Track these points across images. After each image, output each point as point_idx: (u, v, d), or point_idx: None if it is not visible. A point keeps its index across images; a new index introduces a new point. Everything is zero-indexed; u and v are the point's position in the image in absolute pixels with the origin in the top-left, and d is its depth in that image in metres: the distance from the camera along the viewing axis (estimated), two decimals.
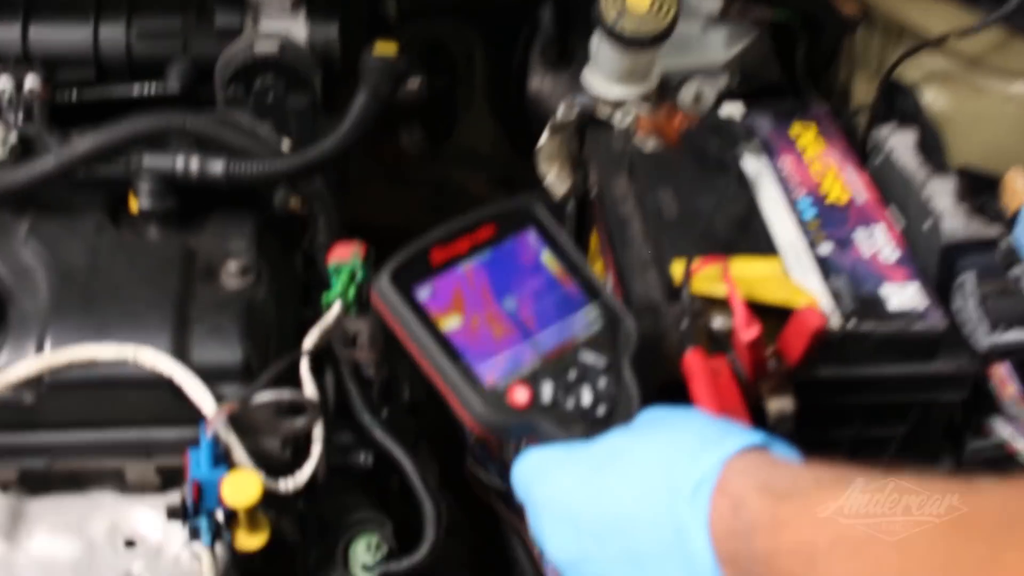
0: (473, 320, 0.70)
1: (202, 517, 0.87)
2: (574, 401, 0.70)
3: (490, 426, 0.68)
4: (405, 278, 0.70)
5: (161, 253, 0.95)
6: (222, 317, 0.91)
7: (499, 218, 0.74)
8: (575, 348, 0.72)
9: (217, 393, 0.89)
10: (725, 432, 0.65)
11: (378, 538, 0.94)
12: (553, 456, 0.69)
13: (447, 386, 0.69)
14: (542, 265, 0.74)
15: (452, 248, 0.72)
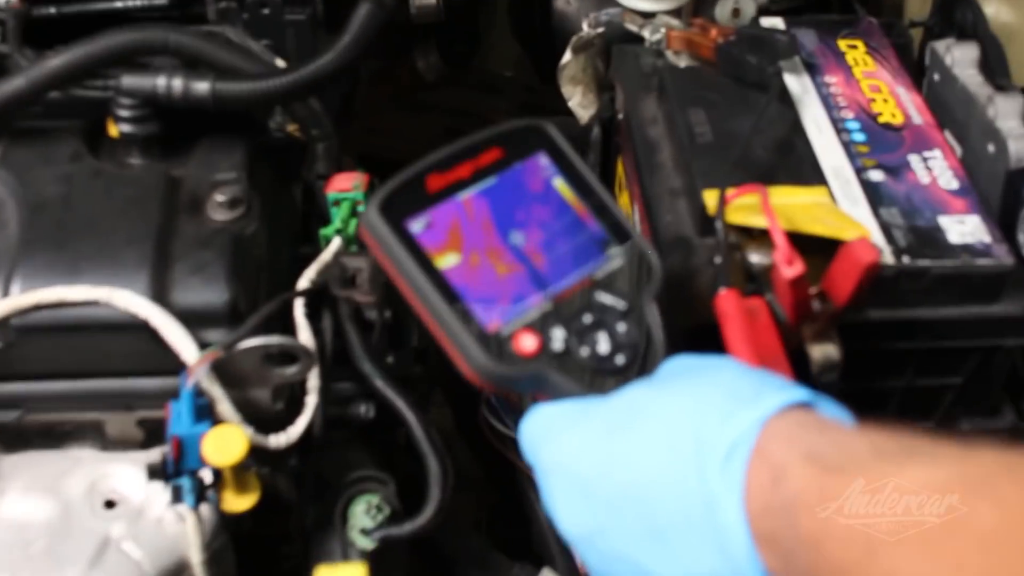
0: (473, 257, 0.61)
1: (184, 477, 0.79)
2: (589, 349, 0.61)
3: (492, 378, 0.60)
4: (397, 208, 0.61)
5: (142, 183, 0.87)
6: (207, 254, 0.83)
7: (506, 140, 0.65)
8: (591, 288, 0.63)
9: (200, 339, 0.81)
10: (763, 386, 0.56)
11: (379, 499, 0.86)
12: (564, 413, 0.60)
13: (443, 332, 0.60)
14: (554, 193, 0.65)
15: (451, 174, 0.63)
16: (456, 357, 0.60)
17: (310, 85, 0.88)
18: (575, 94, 1.13)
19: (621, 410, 0.58)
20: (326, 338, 0.88)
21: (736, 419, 0.53)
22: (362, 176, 0.92)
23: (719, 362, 0.61)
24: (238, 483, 0.81)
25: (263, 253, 0.87)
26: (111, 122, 0.90)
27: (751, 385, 0.56)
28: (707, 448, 0.53)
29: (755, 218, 0.77)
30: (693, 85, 0.95)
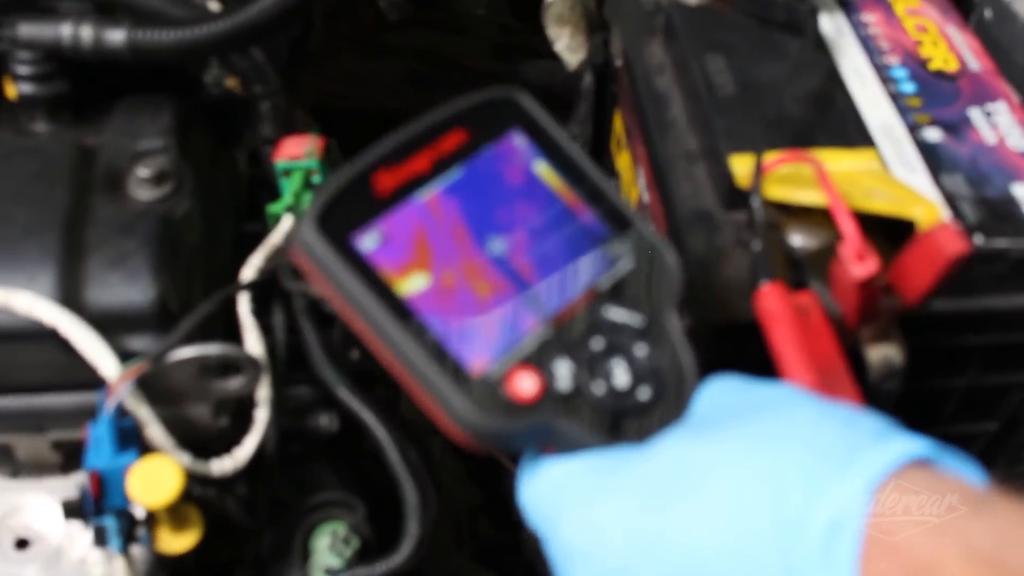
0: (445, 276, 0.46)
1: (108, 516, 0.65)
2: (605, 384, 0.47)
3: (485, 435, 0.45)
4: (340, 221, 0.46)
5: (46, 155, 0.71)
6: (129, 242, 0.68)
7: (469, 118, 0.50)
8: (596, 303, 0.49)
9: (123, 348, 0.67)
10: (857, 433, 0.42)
11: (346, 528, 0.72)
12: (585, 474, 0.46)
13: (415, 380, 0.45)
14: (536, 180, 0.50)
15: (405, 168, 0.47)
16: (435, 412, 0.45)
17: (250, 33, 0.72)
18: (562, 36, 0.98)
19: (664, 472, 0.44)
20: (278, 337, 0.74)
21: (832, 487, 0.40)
22: (316, 140, 0.77)
23: (781, 394, 0.47)
24: (175, 519, 0.67)
25: (198, 238, 0.72)
26: (8, 81, 0.74)
27: (839, 432, 0.42)
28: (792, 528, 0.39)
29: (801, 193, 0.63)
30: (707, 26, 0.80)
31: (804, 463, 0.41)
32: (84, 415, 0.67)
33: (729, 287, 0.67)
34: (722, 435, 0.44)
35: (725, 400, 0.48)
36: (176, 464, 0.63)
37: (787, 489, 0.40)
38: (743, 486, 0.41)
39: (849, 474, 0.40)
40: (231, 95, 0.81)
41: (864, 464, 0.40)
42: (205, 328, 0.70)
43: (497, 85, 0.51)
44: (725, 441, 0.44)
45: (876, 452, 0.41)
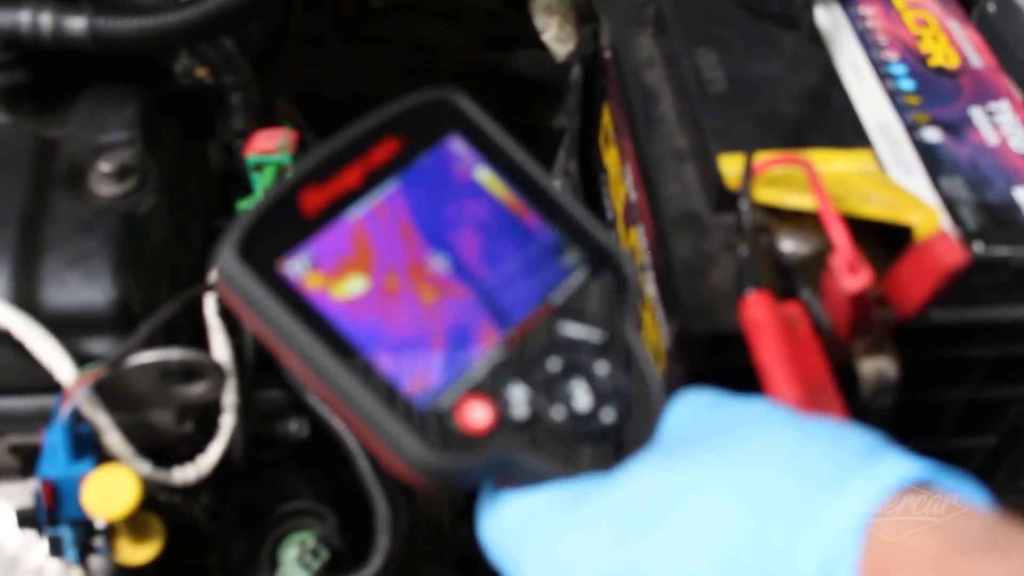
0: (383, 300, 0.43)
1: (63, 526, 0.62)
2: (564, 408, 0.44)
3: (438, 473, 0.41)
4: (264, 248, 0.42)
5: (5, 148, 0.68)
6: (89, 240, 0.65)
7: (402, 124, 0.46)
8: (551, 319, 0.45)
9: (81, 351, 0.64)
10: (844, 454, 0.39)
11: (315, 539, 0.69)
12: (549, 507, 0.42)
13: (357, 418, 0.42)
14: (479, 188, 0.47)
15: (335, 184, 0.44)
16: (380, 451, 0.42)
17: (218, 21, 0.69)
18: (550, 25, 0.95)
19: (635, 502, 0.41)
20: (246, 340, 0.70)
21: (821, 518, 0.36)
22: (289, 133, 0.74)
23: (758, 411, 0.44)
24: (135, 529, 0.65)
25: (164, 236, 0.69)
26: None
27: (825, 452, 0.39)
28: (779, 567, 0.36)
29: (792, 197, 0.60)
30: (699, 18, 0.77)
31: (788, 489, 0.38)
32: (42, 419, 0.64)
33: (716, 294, 0.64)
34: (696, 459, 0.41)
35: (697, 419, 0.44)
36: (133, 474, 0.60)
37: (771, 519, 0.37)
38: (722, 516, 0.38)
39: (839, 503, 0.37)
40: (202, 86, 0.78)
41: (855, 491, 0.37)
42: (170, 330, 0.67)
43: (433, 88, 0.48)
44: (699, 466, 0.41)
45: (867, 476, 0.37)
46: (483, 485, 0.43)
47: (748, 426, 0.42)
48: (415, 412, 0.41)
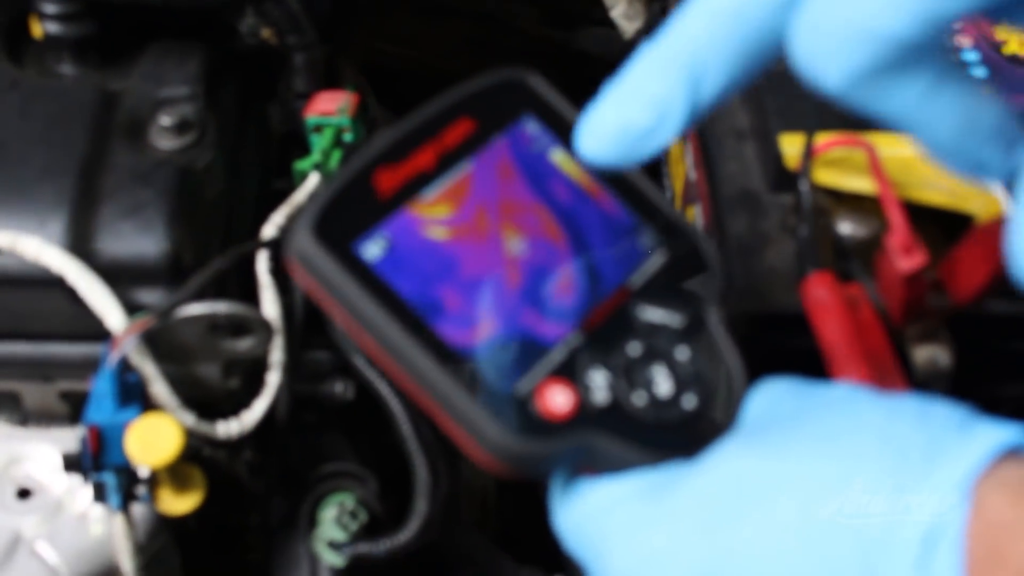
0: (461, 283, 0.42)
1: (107, 472, 0.63)
2: (645, 394, 0.42)
3: (518, 460, 0.40)
4: (340, 228, 0.41)
5: (69, 98, 0.69)
6: (145, 192, 0.65)
7: (475, 105, 0.45)
8: (629, 302, 0.44)
9: (132, 300, 0.64)
10: (933, 428, 0.37)
11: (355, 501, 0.69)
12: (631, 496, 0.41)
13: (436, 402, 0.41)
14: (555, 170, 0.46)
15: (408, 165, 0.43)
16: (458, 436, 0.41)
17: None
18: (619, 2, 0.94)
19: (722, 490, 0.39)
20: (296, 298, 0.71)
21: (919, 493, 0.35)
22: (350, 96, 0.74)
23: (841, 394, 0.42)
24: (177, 480, 0.65)
25: (219, 192, 0.69)
26: (34, 19, 0.72)
27: (916, 427, 0.37)
28: (878, 545, 0.35)
29: (852, 179, 0.59)
30: None
31: (881, 467, 0.36)
32: (92, 366, 0.65)
33: (771, 274, 0.63)
34: (782, 443, 0.39)
35: (780, 404, 0.43)
36: (177, 424, 0.60)
37: (865, 497, 0.36)
38: (814, 500, 0.37)
39: (936, 476, 0.35)
40: (266, 46, 0.78)
41: (951, 462, 0.35)
42: (221, 285, 0.67)
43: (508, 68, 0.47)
44: (787, 449, 0.39)
45: (963, 446, 0.36)
46: (559, 473, 0.43)
47: (833, 407, 0.41)
48: (495, 397, 0.40)
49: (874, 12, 0.34)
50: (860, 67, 0.35)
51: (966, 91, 0.37)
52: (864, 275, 0.58)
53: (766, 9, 0.36)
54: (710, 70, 0.37)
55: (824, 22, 0.35)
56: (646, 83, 0.38)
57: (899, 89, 0.36)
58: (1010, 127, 0.38)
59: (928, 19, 0.34)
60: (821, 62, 0.35)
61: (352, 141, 0.73)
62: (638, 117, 0.38)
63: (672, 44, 0.38)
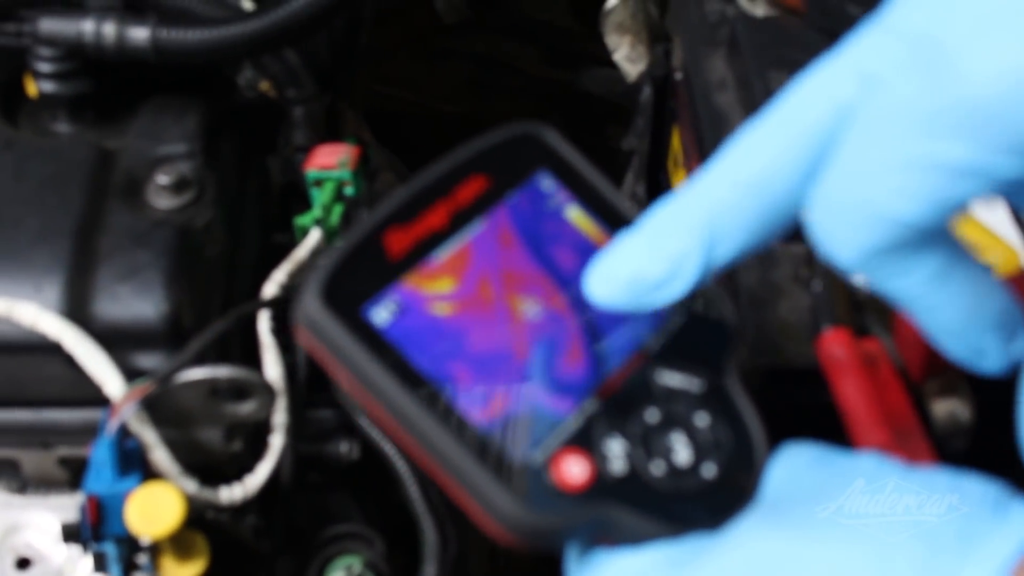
0: (473, 348, 0.40)
1: (108, 542, 0.61)
2: (663, 463, 0.41)
3: (532, 533, 0.39)
4: (348, 292, 0.40)
5: (64, 158, 0.68)
6: (143, 254, 0.64)
7: (489, 161, 0.44)
8: (647, 366, 0.43)
9: (131, 365, 0.63)
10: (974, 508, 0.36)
11: (362, 564, 0.67)
12: (650, 570, 0.39)
13: (448, 473, 0.39)
14: (570, 229, 0.44)
15: (419, 225, 0.42)
16: (471, 508, 0.39)
17: (282, 34, 0.68)
18: (622, 45, 0.93)
19: (745, 569, 0.38)
20: (299, 358, 0.69)
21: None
22: (351, 149, 0.73)
23: (868, 467, 0.40)
24: (179, 548, 0.64)
25: (219, 250, 0.68)
26: (29, 78, 0.71)
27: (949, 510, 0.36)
28: None
29: None
30: (773, 40, 0.75)
31: (911, 553, 0.35)
32: (91, 432, 0.63)
33: (785, 328, 0.61)
34: (808, 522, 0.38)
35: (803, 475, 0.41)
36: (178, 492, 0.59)
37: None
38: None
39: (971, 567, 0.34)
40: (265, 99, 0.77)
41: (986, 550, 0.34)
42: (222, 346, 0.66)
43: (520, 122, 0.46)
44: (811, 530, 0.37)
45: (998, 532, 0.34)
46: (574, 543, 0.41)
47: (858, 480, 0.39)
48: (508, 468, 0.39)
49: (886, 196, 0.35)
50: (870, 247, 0.36)
51: (973, 278, 0.38)
52: (881, 329, 0.57)
53: (788, 183, 0.37)
54: (728, 233, 0.38)
55: (838, 201, 0.36)
56: (663, 237, 0.39)
57: (908, 271, 0.37)
58: (1012, 317, 0.39)
59: (938, 204, 0.35)
60: (834, 238, 0.37)
61: (353, 195, 0.72)
62: (651, 269, 0.39)
63: (692, 204, 0.38)
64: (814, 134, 0.37)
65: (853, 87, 0.37)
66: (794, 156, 0.37)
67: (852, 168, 0.36)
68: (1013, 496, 0.36)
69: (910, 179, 0.35)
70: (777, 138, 0.37)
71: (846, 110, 0.36)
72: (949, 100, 0.34)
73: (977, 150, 0.34)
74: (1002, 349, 0.39)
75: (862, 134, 0.36)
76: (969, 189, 0.35)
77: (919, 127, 0.34)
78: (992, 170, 0.34)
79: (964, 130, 0.34)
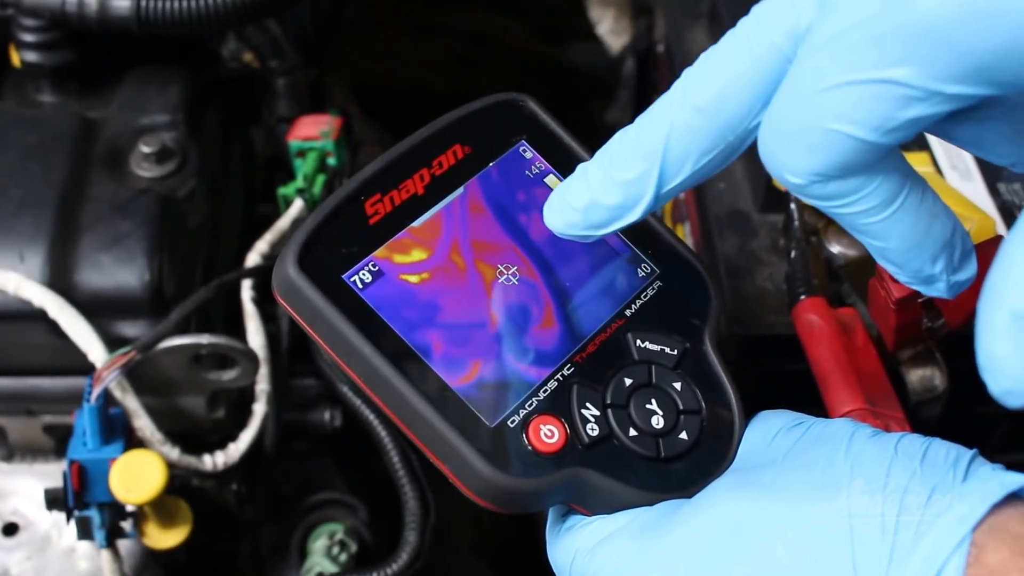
0: (451, 312, 0.41)
1: (92, 509, 0.62)
2: (638, 428, 0.41)
3: (506, 497, 0.39)
4: (327, 258, 0.40)
5: (48, 127, 0.68)
6: (125, 223, 0.64)
7: (470, 130, 0.44)
8: (623, 331, 0.43)
9: (114, 333, 0.64)
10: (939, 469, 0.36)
11: (344, 531, 0.68)
12: (624, 534, 0.40)
13: (426, 437, 0.40)
14: None
15: (400, 193, 0.42)
16: (448, 470, 0.40)
17: (264, 4, 0.68)
18: (605, 18, 0.94)
19: (716, 530, 0.38)
20: (282, 327, 0.70)
21: (919, 543, 0.34)
22: (333, 120, 0.73)
23: (839, 431, 0.40)
24: (163, 514, 0.64)
25: (201, 220, 0.68)
26: (13, 48, 0.71)
27: (915, 471, 0.36)
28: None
29: None
30: None
31: (880, 513, 0.35)
32: (75, 400, 0.64)
33: (762, 296, 0.62)
34: (779, 483, 0.38)
35: (776, 441, 0.41)
36: (161, 459, 0.59)
37: (862, 545, 0.35)
38: (811, 544, 0.36)
39: (935, 524, 0.34)
40: (248, 70, 0.77)
41: (950, 511, 0.34)
42: (205, 315, 0.67)
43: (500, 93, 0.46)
44: (784, 490, 0.38)
45: (962, 494, 0.35)
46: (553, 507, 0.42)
47: (830, 447, 0.39)
48: (483, 431, 0.39)
49: (834, 117, 0.35)
50: (818, 169, 0.36)
51: (922, 206, 0.37)
52: (856, 297, 0.57)
53: (742, 106, 0.37)
54: (681, 158, 0.38)
55: (787, 122, 0.36)
56: (617, 164, 0.38)
57: (856, 197, 0.36)
58: (959, 242, 0.39)
59: (886, 127, 0.34)
60: (782, 161, 0.36)
61: (336, 165, 0.72)
62: (606, 197, 0.39)
63: (647, 129, 0.38)
64: (768, 57, 0.36)
65: (808, 9, 0.36)
66: (748, 79, 0.36)
67: (801, 89, 0.35)
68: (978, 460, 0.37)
69: (858, 101, 0.34)
70: (731, 62, 0.37)
71: (800, 32, 0.36)
72: (899, 23, 0.33)
73: (925, 74, 0.33)
74: (948, 276, 0.39)
75: (811, 55, 0.35)
76: (917, 113, 0.34)
77: (868, 49, 0.34)
78: (940, 94, 0.33)
79: (913, 53, 0.33)
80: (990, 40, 0.32)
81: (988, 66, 0.33)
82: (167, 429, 0.64)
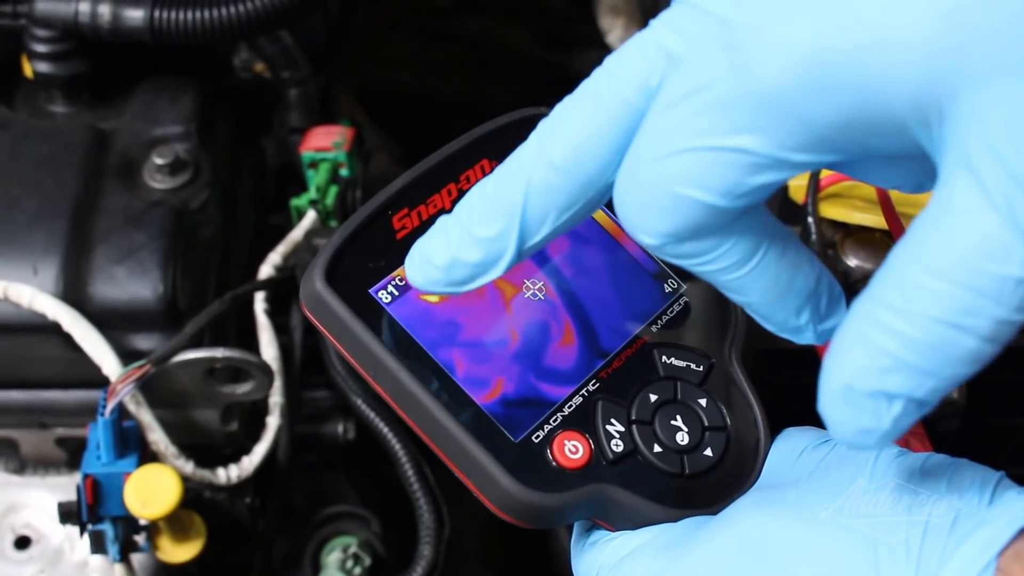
0: (478, 327, 0.42)
1: (106, 522, 0.61)
2: (663, 444, 0.41)
3: (530, 512, 0.39)
4: (355, 273, 0.40)
5: (60, 139, 0.68)
6: (139, 235, 0.64)
7: (496, 145, 0.44)
8: (649, 348, 0.43)
9: (128, 346, 0.63)
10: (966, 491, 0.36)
11: (357, 544, 0.68)
12: (648, 551, 0.40)
13: (448, 449, 0.40)
14: None
15: (427, 208, 0.42)
16: (473, 485, 0.40)
17: (276, 15, 0.68)
18: (615, 27, 0.93)
19: (741, 548, 0.38)
20: (295, 339, 0.70)
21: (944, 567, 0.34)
22: (345, 130, 0.73)
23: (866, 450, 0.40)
24: (177, 528, 0.64)
25: (214, 231, 0.68)
26: (25, 59, 0.71)
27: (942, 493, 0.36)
28: None
29: (859, 212, 0.58)
30: None
31: (904, 537, 0.35)
32: (89, 413, 0.64)
33: None
34: (804, 502, 0.38)
35: (802, 459, 0.41)
36: (175, 474, 0.59)
37: (889, 570, 0.35)
38: (835, 566, 0.36)
39: (961, 548, 0.34)
40: (260, 81, 0.77)
41: (977, 534, 0.34)
42: (218, 327, 0.66)
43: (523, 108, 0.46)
44: (808, 510, 0.38)
45: (988, 517, 0.35)
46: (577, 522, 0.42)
47: (855, 467, 0.39)
48: (508, 446, 0.39)
49: (682, 181, 0.34)
50: (669, 230, 0.35)
51: (783, 260, 0.37)
52: None
53: (597, 162, 0.36)
54: (540, 215, 0.37)
55: (637, 183, 0.35)
56: (477, 222, 0.37)
57: (711, 256, 0.36)
58: (826, 291, 0.39)
59: (734, 192, 0.34)
60: (635, 221, 0.36)
61: (348, 176, 0.72)
62: (467, 255, 0.37)
63: (505, 186, 0.37)
64: (621, 112, 0.35)
65: (660, 65, 0.34)
66: (603, 136, 0.35)
67: (650, 151, 0.34)
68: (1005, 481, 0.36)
69: (707, 167, 0.33)
70: (586, 118, 0.36)
71: (652, 88, 0.34)
72: (745, 90, 0.32)
73: (772, 143, 0.32)
74: (815, 325, 0.38)
75: (660, 115, 0.34)
76: (766, 180, 0.33)
77: (716, 114, 0.33)
78: (788, 162, 0.33)
79: (759, 122, 0.32)
80: (832, 111, 0.32)
81: (832, 137, 0.32)
82: (181, 442, 0.64)
